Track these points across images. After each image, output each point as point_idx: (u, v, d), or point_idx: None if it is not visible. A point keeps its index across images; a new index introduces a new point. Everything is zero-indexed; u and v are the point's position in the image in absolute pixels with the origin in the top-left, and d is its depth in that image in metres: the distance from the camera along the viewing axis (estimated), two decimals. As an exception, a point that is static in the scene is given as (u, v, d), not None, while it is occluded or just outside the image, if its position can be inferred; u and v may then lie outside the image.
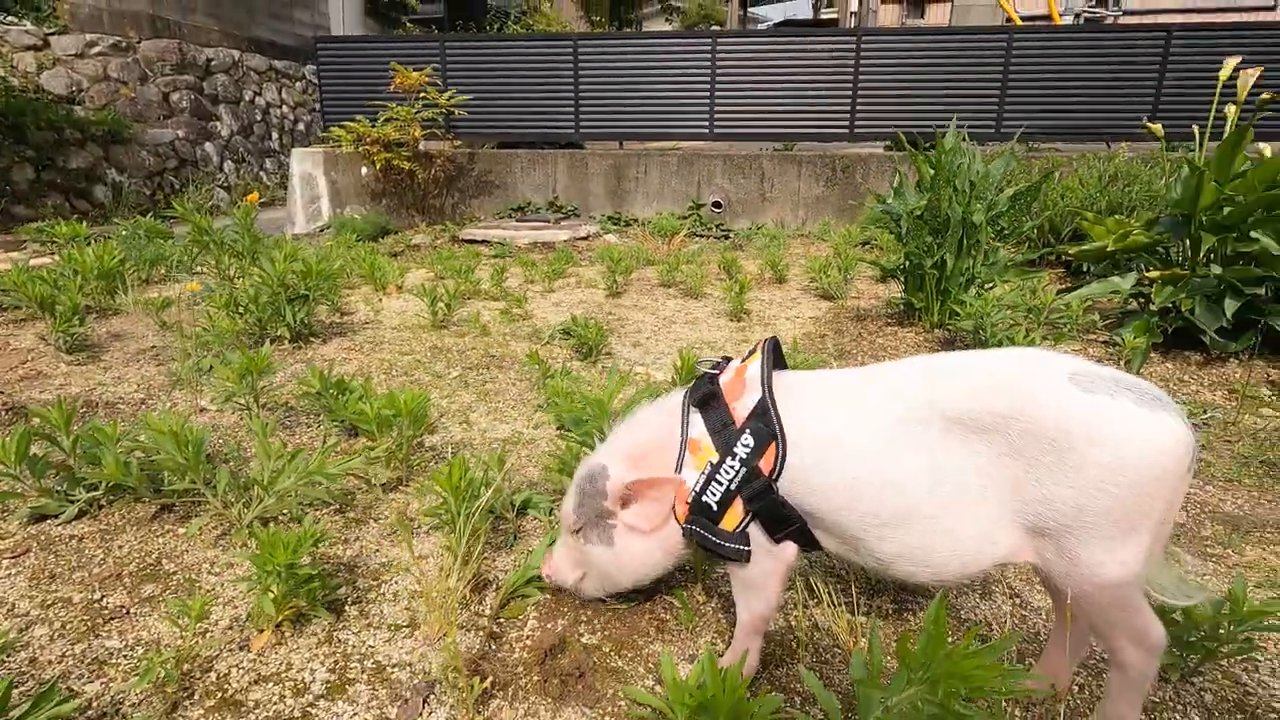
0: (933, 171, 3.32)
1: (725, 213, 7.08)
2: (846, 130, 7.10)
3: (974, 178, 3.26)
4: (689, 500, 1.18)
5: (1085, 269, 3.81)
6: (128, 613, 1.43)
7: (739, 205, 7.09)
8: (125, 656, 1.32)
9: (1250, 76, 2.81)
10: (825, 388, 1.17)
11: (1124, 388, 0.98)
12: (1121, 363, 2.90)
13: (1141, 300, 3.15)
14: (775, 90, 7.07)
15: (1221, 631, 1.21)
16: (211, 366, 2.63)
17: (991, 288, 3.30)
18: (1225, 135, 2.85)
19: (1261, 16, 9.74)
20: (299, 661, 1.31)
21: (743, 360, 1.23)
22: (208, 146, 9.81)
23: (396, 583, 1.54)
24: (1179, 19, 9.12)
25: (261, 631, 1.36)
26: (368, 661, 1.32)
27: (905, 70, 6.89)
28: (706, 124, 7.22)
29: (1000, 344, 2.71)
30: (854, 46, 6.88)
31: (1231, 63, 2.87)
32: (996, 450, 1.01)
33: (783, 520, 1.14)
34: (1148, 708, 1.21)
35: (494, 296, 4.12)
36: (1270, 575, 1.59)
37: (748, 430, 1.13)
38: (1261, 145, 2.98)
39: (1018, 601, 1.50)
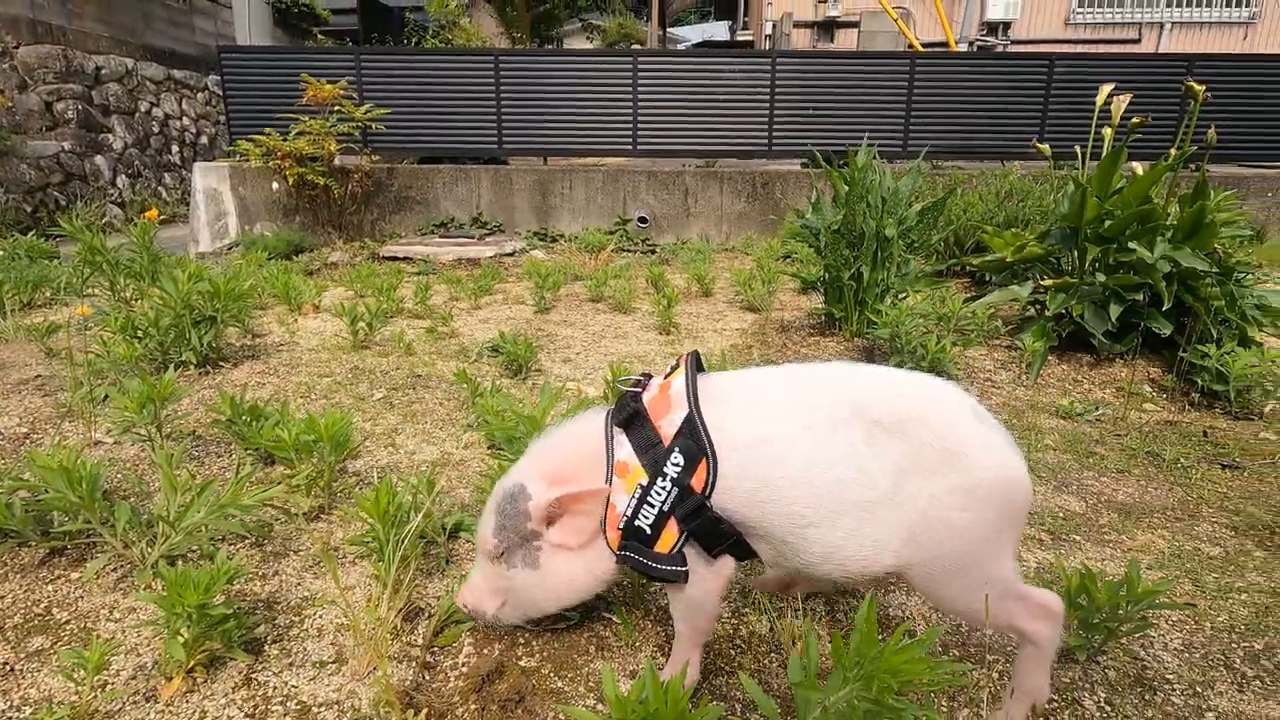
0: (847, 188, 3.48)
1: (651, 228, 7.17)
2: (765, 148, 7.34)
3: (885, 194, 3.43)
4: (620, 526, 1.14)
5: (988, 278, 4.07)
6: (12, 669, 1.30)
7: (664, 220, 7.20)
8: (11, 718, 1.19)
9: (1122, 102, 3.09)
10: (750, 390, 1.18)
11: (1003, 431, 1.12)
12: (1024, 365, 3.11)
13: (1038, 307, 3.39)
14: (696, 108, 7.25)
15: (1121, 612, 1.31)
16: (107, 395, 2.44)
17: (905, 297, 3.47)
18: (1103, 155, 3.12)
19: (1129, 49, 10.74)
20: (214, 709, 1.22)
21: (665, 376, 1.20)
22: (98, 160, 9.16)
23: (321, 617, 1.46)
24: (1059, 49, 9.95)
25: (170, 679, 1.27)
26: (291, 703, 1.24)
27: (818, 91, 7.21)
28: (630, 141, 7.31)
29: (915, 350, 2.85)
30: (769, 68, 7.14)
31: (1106, 89, 3.15)
32: (906, 458, 1.06)
33: (719, 536, 1.13)
34: (1060, 688, 1.29)
35: (418, 315, 4.01)
36: (1159, 557, 1.73)
37: (676, 449, 1.11)
38: (1134, 164, 3.28)
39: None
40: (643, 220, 7.15)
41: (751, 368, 1.26)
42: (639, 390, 1.20)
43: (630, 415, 1.17)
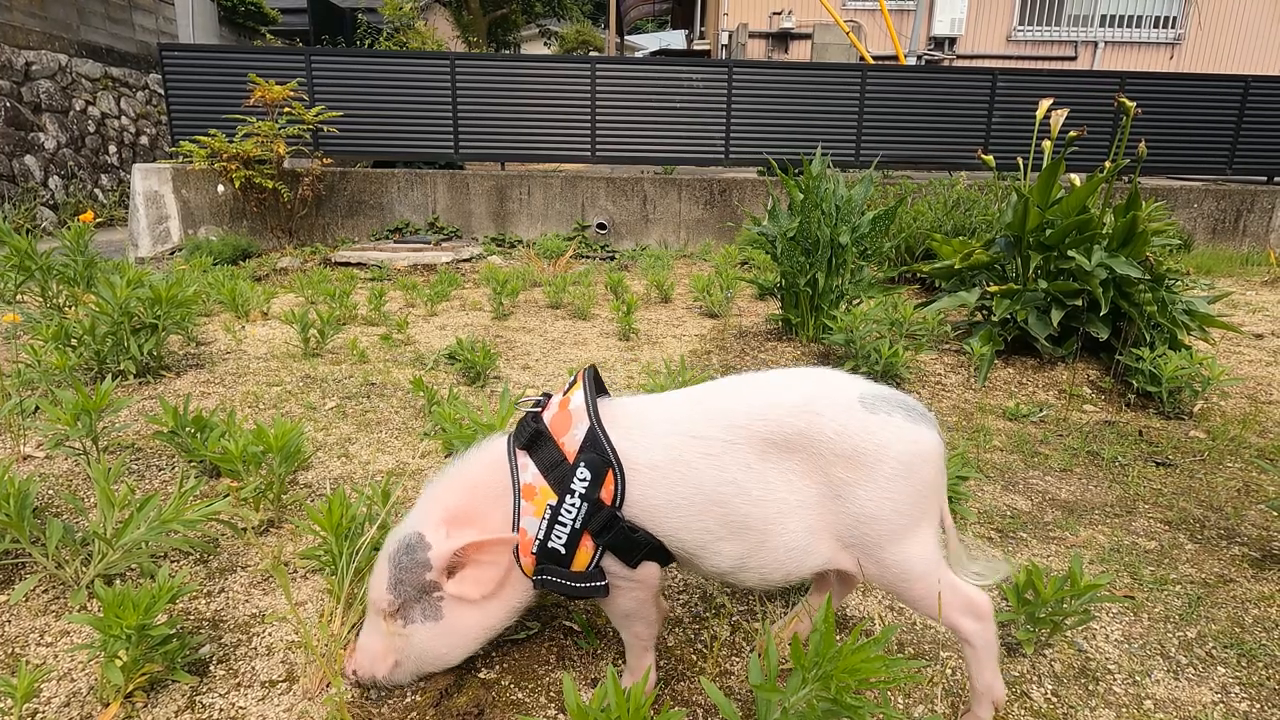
0: (803, 196, 3.54)
1: (610, 234, 7.18)
2: (722, 155, 7.43)
3: (839, 202, 3.51)
4: (534, 550, 1.11)
5: (937, 284, 4.19)
6: (-69, 701, 1.22)
7: (623, 227, 7.21)
8: (-72, 754, 1.12)
9: (1060, 116, 3.23)
10: (648, 413, 1.17)
11: (898, 406, 1.12)
12: (972, 368, 3.21)
13: (985, 312, 3.50)
14: (654, 115, 7.29)
15: (1065, 605, 1.36)
16: (37, 407, 2.32)
17: (859, 303, 3.55)
18: (1043, 167, 3.25)
19: (1065, 65, 11.24)
20: (155, 734, 1.17)
21: (564, 393, 1.18)
22: (28, 160, 8.72)
23: (270, 634, 1.41)
24: (1001, 64, 10.35)
25: (107, 705, 1.21)
26: (238, 725, 1.19)
27: (773, 100, 7.33)
28: (589, 147, 7.31)
29: (869, 354, 2.92)
30: (726, 76, 7.24)
31: (1045, 104, 3.29)
32: (804, 467, 1.10)
33: (635, 545, 1.12)
34: (1009, 682, 1.33)
35: (372, 321, 3.93)
36: (1100, 552, 1.81)
37: (582, 463, 1.09)
38: (1072, 175, 3.43)
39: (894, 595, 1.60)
40: (601, 226, 7.15)
41: (647, 394, 1.25)
42: (539, 410, 1.18)
43: (532, 436, 1.14)
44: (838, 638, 1.03)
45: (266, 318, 3.92)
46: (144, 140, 10.87)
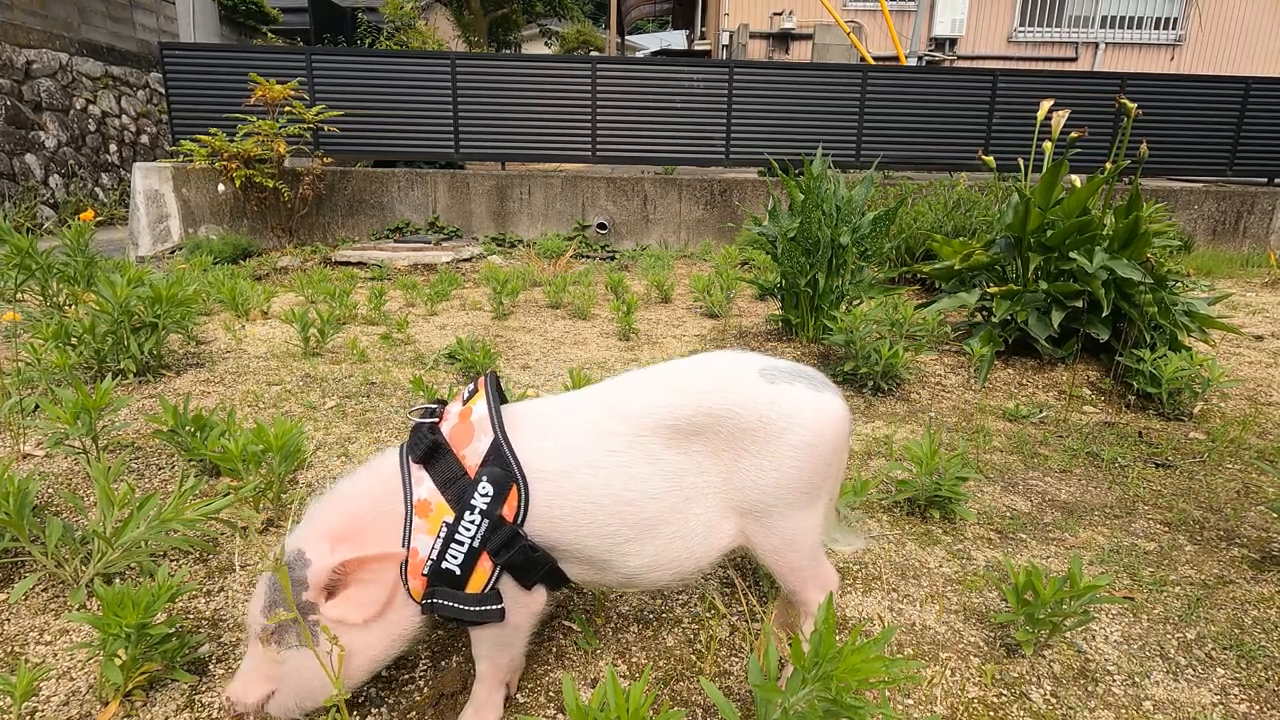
0: (803, 196, 3.54)
1: (610, 234, 7.18)
2: (723, 155, 7.43)
3: (840, 202, 3.50)
4: (425, 571, 1.04)
5: (937, 285, 4.19)
6: (-70, 699, 1.22)
7: (623, 227, 7.22)
8: (-73, 752, 1.12)
9: (1061, 117, 3.23)
10: (551, 417, 1.14)
11: (798, 376, 1.14)
12: (972, 369, 3.21)
13: (985, 313, 3.50)
14: (655, 115, 7.29)
15: (1064, 606, 1.36)
16: (37, 406, 2.32)
17: (859, 304, 3.55)
18: (1045, 168, 3.25)
19: (1066, 66, 11.24)
20: (154, 733, 1.17)
21: (464, 402, 1.13)
22: (29, 159, 8.72)
23: (270, 633, 1.41)
24: (1002, 65, 10.34)
25: (107, 704, 1.20)
26: (238, 724, 1.19)
27: (774, 101, 7.33)
28: (589, 147, 7.31)
29: (869, 355, 2.92)
30: (727, 77, 7.24)
31: (1046, 105, 3.29)
32: (710, 447, 1.11)
33: (535, 565, 1.08)
34: (1009, 683, 1.33)
35: (372, 321, 3.93)
36: (1100, 553, 1.81)
37: (484, 478, 1.04)
38: (1073, 177, 3.43)
39: (895, 595, 1.60)
40: (602, 226, 7.15)
41: (548, 396, 1.23)
42: (436, 421, 1.12)
43: (429, 448, 1.07)
44: (838, 638, 1.04)
45: (266, 317, 3.92)
46: (144, 139, 10.87)
